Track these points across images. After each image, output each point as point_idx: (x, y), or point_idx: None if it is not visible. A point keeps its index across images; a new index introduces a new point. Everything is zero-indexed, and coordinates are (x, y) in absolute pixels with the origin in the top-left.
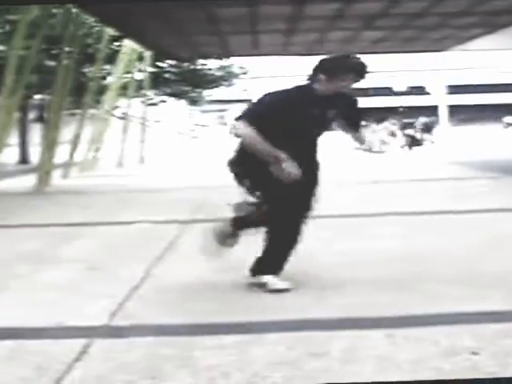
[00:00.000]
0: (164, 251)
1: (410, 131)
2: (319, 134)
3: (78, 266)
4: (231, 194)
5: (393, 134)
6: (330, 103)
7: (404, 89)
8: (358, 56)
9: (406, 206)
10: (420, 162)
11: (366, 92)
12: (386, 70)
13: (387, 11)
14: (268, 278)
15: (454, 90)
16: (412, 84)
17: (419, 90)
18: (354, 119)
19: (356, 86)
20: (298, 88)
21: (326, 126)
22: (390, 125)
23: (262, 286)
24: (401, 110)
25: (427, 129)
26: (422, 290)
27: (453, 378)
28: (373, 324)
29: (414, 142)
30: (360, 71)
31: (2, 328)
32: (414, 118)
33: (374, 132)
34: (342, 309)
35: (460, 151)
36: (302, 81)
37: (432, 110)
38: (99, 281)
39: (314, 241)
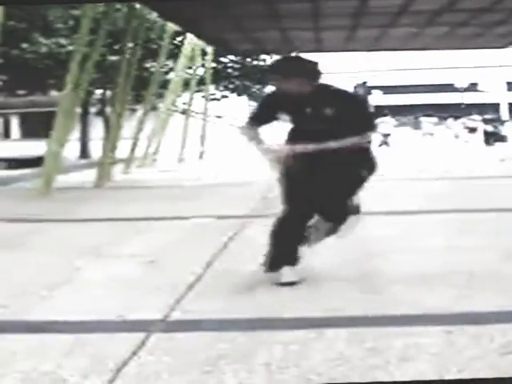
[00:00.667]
0: (223, 247)
1: (491, 127)
2: (317, 131)
3: (139, 260)
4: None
5: (473, 130)
6: (307, 102)
7: (465, 85)
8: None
9: None
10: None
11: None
12: (448, 67)
13: (449, 7)
14: (284, 270)
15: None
16: (472, 81)
17: (476, 87)
18: (350, 120)
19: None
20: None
21: (315, 124)
22: (469, 121)
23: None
24: (462, 106)
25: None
26: None
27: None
28: None
29: (497, 137)
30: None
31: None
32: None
33: (448, 127)
34: None
35: None
36: (363, 77)
37: (491, 107)
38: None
39: None
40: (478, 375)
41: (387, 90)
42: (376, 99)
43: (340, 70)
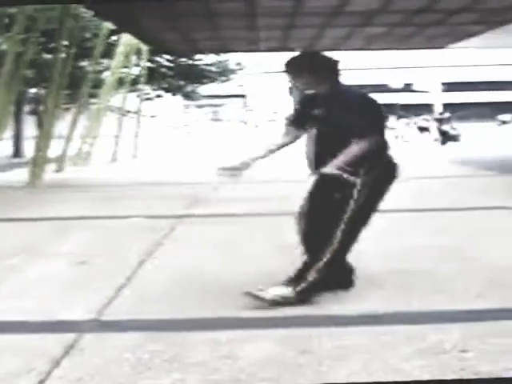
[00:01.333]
0: (156, 246)
1: (445, 127)
2: (322, 134)
3: (70, 259)
4: (222, 190)
5: (425, 130)
6: (317, 103)
7: (400, 86)
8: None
9: None
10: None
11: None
12: (382, 67)
13: (385, 8)
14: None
15: (451, 87)
16: (407, 81)
17: (411, 88)
18: (348, 125)
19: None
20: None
21: (322, 126)
22: (422, 121)
23: None
24: (397, 107)
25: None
26: None
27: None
28: None
29: (448, 137)
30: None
31: None
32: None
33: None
34: None
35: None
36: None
37: (426, 108)
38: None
39: None
40: None
41: None
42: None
43: (274, 69)
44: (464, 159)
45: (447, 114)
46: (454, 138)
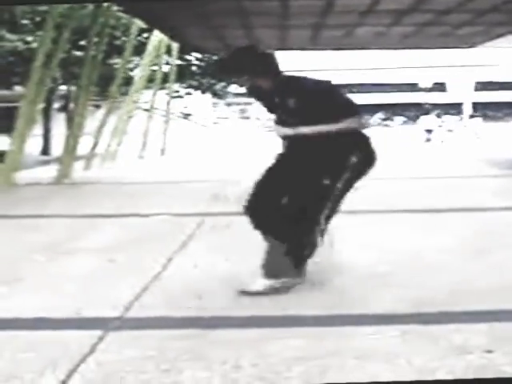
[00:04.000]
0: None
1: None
2: (288, 122)
3: (97, 257)
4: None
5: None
6: (274, 94)
7: (429, 85)
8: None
9: None
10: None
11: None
12: (412, 66)
13: (416, 7)
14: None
15: (482, 87)
16: (436, 81)
17: (441, 87)
18: (322, 108)
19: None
20: None
21: (284, 114)
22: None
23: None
24: (426, 106)
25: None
26: None
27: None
28: None
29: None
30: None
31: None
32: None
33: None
34: None
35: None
36: (330, 74)
37: (455, 107)
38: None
39: None
40: None
41: (353, 88)
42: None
43: (304, 67)
44: (493, 159)
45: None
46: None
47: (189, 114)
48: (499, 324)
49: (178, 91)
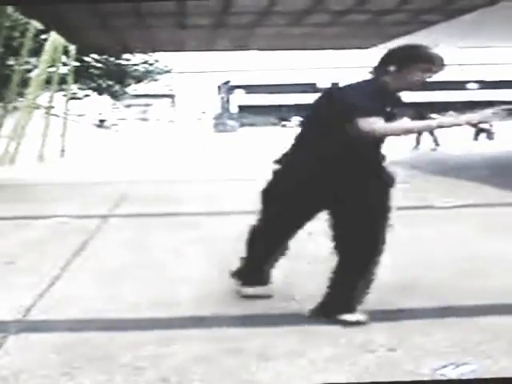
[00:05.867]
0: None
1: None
2: None
3: None
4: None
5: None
6: (396, 100)
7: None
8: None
9: None
10: None
11: None
12: (312, 67)
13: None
14: None
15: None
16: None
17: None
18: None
19: None
20: (371, 82)
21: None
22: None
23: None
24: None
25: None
26: None
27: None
28: None
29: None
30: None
31: None
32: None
33: None
34: None
35: None
36: (226, 77)
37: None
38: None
39: None
40: None
41: (251, 89)
42: (238, 98)
43: (203, 69)
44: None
45: None
46: (489, 137)
47: (82, 115)
48: None
49: (75, 93)
